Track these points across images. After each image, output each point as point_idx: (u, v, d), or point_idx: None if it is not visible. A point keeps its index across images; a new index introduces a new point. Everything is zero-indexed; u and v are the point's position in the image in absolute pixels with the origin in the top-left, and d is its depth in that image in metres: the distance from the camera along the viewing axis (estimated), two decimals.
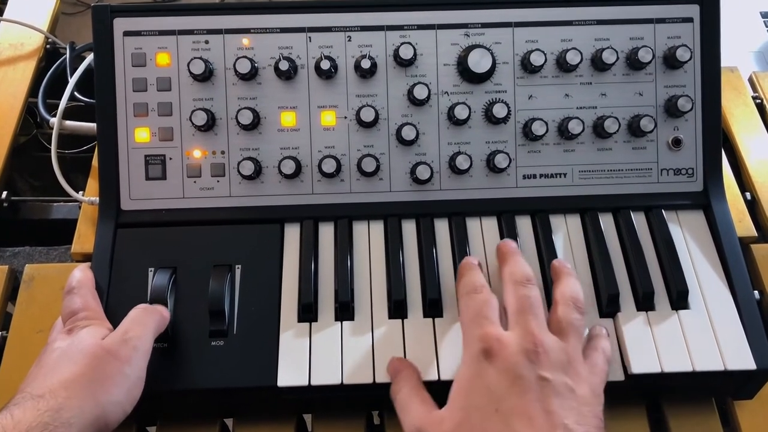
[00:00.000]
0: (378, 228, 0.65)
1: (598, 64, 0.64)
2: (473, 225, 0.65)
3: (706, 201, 0.65)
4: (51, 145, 0.74)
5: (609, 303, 0.59)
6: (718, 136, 0.66)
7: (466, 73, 0.64)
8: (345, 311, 0.59)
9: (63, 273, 0.64)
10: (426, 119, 0.65)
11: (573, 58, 0.63)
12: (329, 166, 0.63)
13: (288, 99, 0.64)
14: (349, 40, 0.65)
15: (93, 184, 0.74)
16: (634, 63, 0.65)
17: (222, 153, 0.64)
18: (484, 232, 0.65)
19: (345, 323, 0.59)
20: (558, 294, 0.56)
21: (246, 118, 0.63)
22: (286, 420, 0.60)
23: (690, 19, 0.65)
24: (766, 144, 0.80)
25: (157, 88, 0.64)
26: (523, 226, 0.65)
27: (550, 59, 0.65)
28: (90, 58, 0.78)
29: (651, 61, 0.64)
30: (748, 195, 0.75)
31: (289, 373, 0.56)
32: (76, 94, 0.78)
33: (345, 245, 0.63)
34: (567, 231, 0.65)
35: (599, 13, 0.65)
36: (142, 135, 0.64)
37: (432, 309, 0.60)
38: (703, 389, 0.61)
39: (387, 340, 0.58)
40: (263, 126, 0.64)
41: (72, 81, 0.78)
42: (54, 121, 0.75)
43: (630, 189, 0.66)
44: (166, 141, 0.64)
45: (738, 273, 0.62)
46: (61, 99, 0.76)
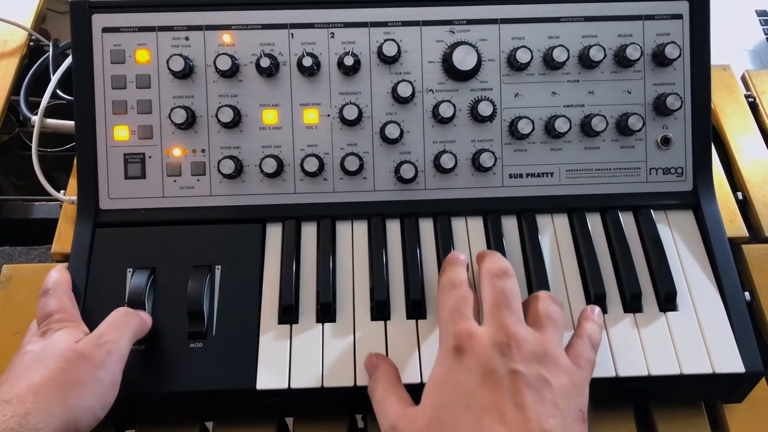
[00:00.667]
0: (362, 228, 0.64)
1: (585, 61, 0.63)
2: (458, 225, 0.64)
3: (695, 201, 0.64)
4: (32, 144, 0.73)
5: (596, 304, 0.58)
6: (707, 134, 0.65)
7: (451, 71, 0.63)
8: (326, 313, 0.58)
9: (41, 273, 0.63)
10: (410, 117, 0.64)
11: (560, 55, 0.62)
12: (312, 164, 0.62)
13: (270, 96, 0.63)
14: (332, 36, 0.64)
15: (74, 183, 0.72)
16: (622, 60, 0.64)
17: (202, 151, 0.63)
18: (469, 232, 0.63)
19: (326, 325, 0.58)
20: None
21: (227, 116, 0.62)
22: (267, 423, 0.59)
23: (679, 16, 0.64)
24: (758, 143, 0.79)
25: (137, 85, 0.63)
26: (509, 226, 0.64)
27: (536, 56, 0.64)
28: None
29: (639, 59, 0.63)
30: (739, 195, 0.74)
31: (269, 376, 0.55)
32: (58, 92, 0.77)
33: (327, 245, 0.61)
34: (554, 231, 0.64)
35: (587, 10, 0.64)
36: (121, 133, 0.63)
37: (415, 310, 0.59)
38: (692, 392, 0.60)
39: (369, 342, 0.57)
40: (244, 124, 0.63)
41: (54, 79, 0.77)
42: (35, 120, 0.74)
43: (618, 188, 0.64)
44: (145, 139, 0.63)
45: (727, 274, 0.61)
46: (43, 97, 0.75)
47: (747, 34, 1.20)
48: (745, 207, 0.74)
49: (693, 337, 0.58)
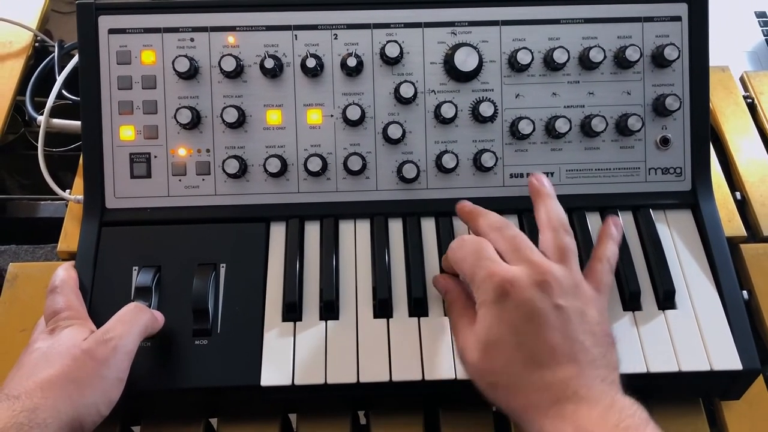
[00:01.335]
0: (364, 227, 0.64)
1: (585, 62, 0.64)
2: (460, 224, 0.64)
3: (694, 200, 0.65)
4: (38, 144, 0.73)
5: None
6: (706, 135, 0.66)
7: (452, 72, 0.64)
8: (330, 310, 0.59)
9: (47, 272, 0.64)
10: (412, 118, 0.65)
11: (560, 56, 0.63)
12: (315, 164, 0.63)
13: (274, 97, 0.64)
14: (336, 38, 0.64)
15: (80, 182, 0.74)
16: (621, 62, 0.64)
17: (207, 151, 0.64)
18: (470, 231, 0.64)
19: (329, 322, 0.59)
20: (543, 221, 0.55)
21: (231, 116, 0.62)
22: (270, 419, 0.60)
23: (678, 18, 0.65)
24: (756, 144, 0.80)
25: (142, 86, 0.63)
26: None
27: (537, 58, 0.64)
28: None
29: (639, 60, 0.64)
30: (738, 194, 0.75)
31: (273, 373, 0.56)
32: (64, 92, 0.78)
33: (330, 244, 0.62)
34: None
35: (587, 12, 0.65)
36: (127, 133, 0.64)
37: (417, 308, 0.59)
38: (690, 390, 0.61)
39: (372, 339, 0.58)
40: (249, 124, 0.64)
41: (60, 79, 0.77)
42: (41, 120, 0.75)
43: (617, 188, 0.65)
44: (151, 139, 0.64)
45: (725, 273, 0.61)
46: (49, 97, 0.75)
47: (746, 35, 1.21)
48: (743, 207, 0.75)
49: (691, 335, 0.58)
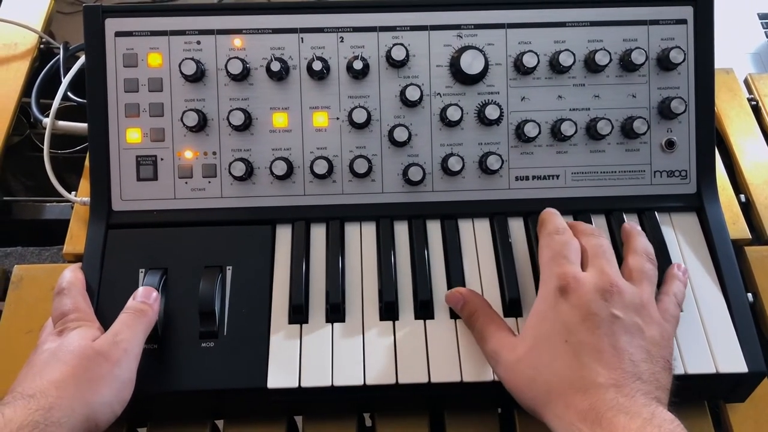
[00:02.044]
0: (370, 229, 0.64)
1: (591, 65, 0.64)
2: (466, 227, 0.65)
3: (699, 203, 0.65)
4: (44, 146, 0.73)
5: None
6: (711, 138, 0.66)
7: (458, 75, 0.64)
8: (336, 313, 0.59)
9: (52, 274, 0.64)
10: (418, 120, 0.65)
11: (566, 59, 0.63)
12: (321, 167, 0.63)
13: (280, 100, 0.64)
14: (342, 40, 0.64)
15: (85, 184, 0.74)
16: (627, 65, 0.64)
17: (213, 154, 0.64)
18: (476, 233, 0.64)
19: (336, 325, 0.59)
20: (630, 248, 0.58)
21: (237, 119, 0.63)
22: (276, 421, 0.60)
23: (684, 21, 0.65)
24: (761, 146, 0.80)
25: (149, 88, 0.64)
26: (516, 227, 0.65)
27: (543, 60, 0.64)
28: (84, 58, 0.78)
29: (644, 63, 0.64)
30: (742, 197, 0.75)
31: (279, 375, 0.56)
32: (69, 94, 0.78)
33: (336, 246, 0.62)
34: None
35: (592, 15, 0.65)
36: (133, 136, 0.64)
37: (423, 311, 0.59)
38: (695, 392, 0.61)
39: (378, 342, 0.58)
40: (255, 127, 0.64)
41: (65, 81, 0.77)
42: (47, 122, 0.75)
43: (623, 191, 0.65)
44: (157, 142, 0.64)
45: (730, 276, 0.62)
46: (54, 99, 0.75)
47: (749, 36, 1.21)
48: (748, 209, 0.75)
49: (697, 338, 0.58)
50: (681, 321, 0.59)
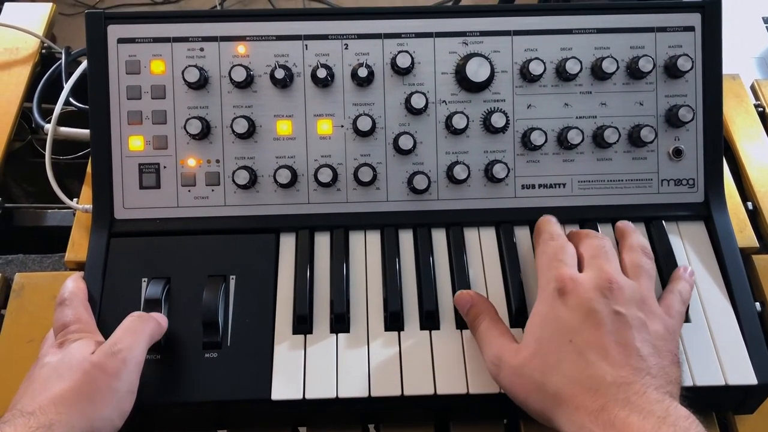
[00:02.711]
0: (375, 238, 0.64)
1: (598, 73, 0.64)
2: (471, 235, 0.64)
3: (707, 212, 0.65)
4: (45, 151, 0.73)
5: None
6: (719, 146, 0.66)
7: (464, 82, 0.63)
8: (340, 323, 0.58)
9: (53, 282, 0.64)
10: (423, 128, 0.64)
11: (573, 67, 0.63)
12: (325, 175, 0.63)
13: (284, 107, 0.64)
14: (346, 48, 0.64)
15: (87, 191, 0.73)
16: (634, 72, 0.64)
17: (217, 162, 0.63)
18: (482, 242, 0.64)
19: (340, 335, 0.58)
20: (625, 245, 0.59)
21: (241, 126, 0.62)
22: None
23: (691, 28, 0.65)
24: (767, 153, 0.79)
25: (152, 95, 0.63)
26: (522, 236, 0.64)
27: (549, 68, 0.64)
28: (86, 63, 0.77)
29: (652, 71, 0.63)
30: (749, 204, 0.74)
31: (284, 387, 0.56)
32: (71, 99, 0.77)
33: (341, 256, 0.62)
34: None
35: (599, 22, 0.64)
36: (136, 143, 0.63)
37: (429, 321, 0.59)
38: (704, 404, 0.60)
39: (383, 352, 0.57)
40: (258, 135, 0.64)
41: (67, 86, 0.77)
42: (48, 127, 0.75)
43: (630, 200, 0.65)
44: (160, 149, 0.63)
45: (739, 285, 0.61)
46: (56, 104, 0.75)
47: (754, 41, 1.21)
48: (755, 217, 0.74)
49: (705, 349, 0.58)
50: (688, 332, 0.59)
